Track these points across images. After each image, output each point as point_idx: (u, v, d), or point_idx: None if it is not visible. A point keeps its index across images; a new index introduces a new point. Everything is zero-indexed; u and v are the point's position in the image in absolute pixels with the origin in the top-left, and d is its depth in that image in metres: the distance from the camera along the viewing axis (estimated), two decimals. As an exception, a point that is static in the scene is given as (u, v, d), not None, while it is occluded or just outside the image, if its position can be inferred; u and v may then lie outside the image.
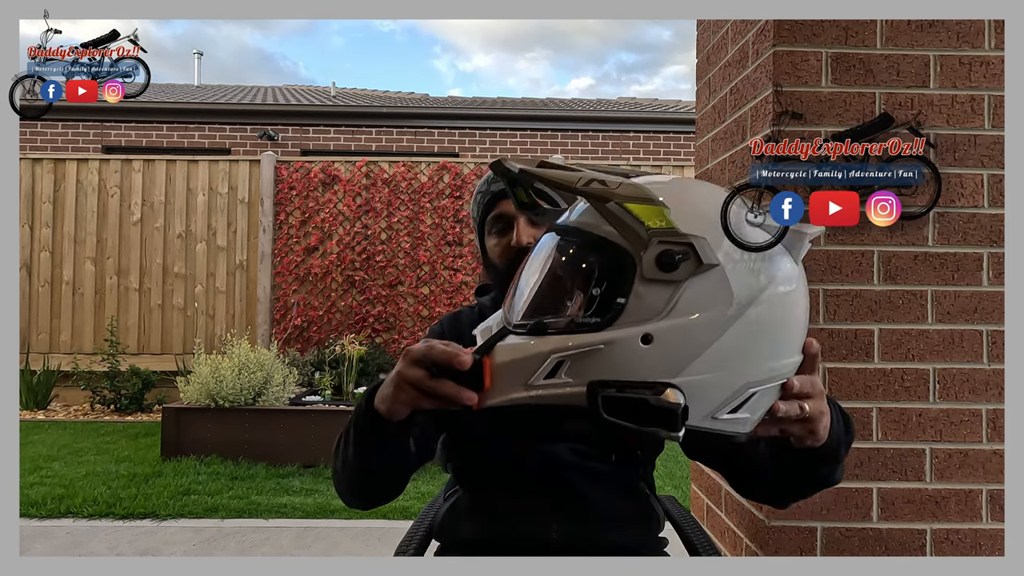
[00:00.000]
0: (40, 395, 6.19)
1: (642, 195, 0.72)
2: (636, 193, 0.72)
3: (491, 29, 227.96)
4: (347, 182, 6.57)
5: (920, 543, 1.46)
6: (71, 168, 6.63)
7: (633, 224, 0.72)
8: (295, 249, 6.53)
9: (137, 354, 6.47)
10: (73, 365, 6.32)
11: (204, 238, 6.66)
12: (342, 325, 6.45)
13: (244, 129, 8.79)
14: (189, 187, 6.68)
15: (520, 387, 0.76)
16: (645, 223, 0.72)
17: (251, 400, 4.58)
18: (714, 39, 1.89)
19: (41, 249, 6.57)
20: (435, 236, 6.54)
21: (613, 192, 0.72)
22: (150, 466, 4.34)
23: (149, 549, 3.09)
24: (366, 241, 6.54)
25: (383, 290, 6.50)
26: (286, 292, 6.51)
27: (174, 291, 6.62)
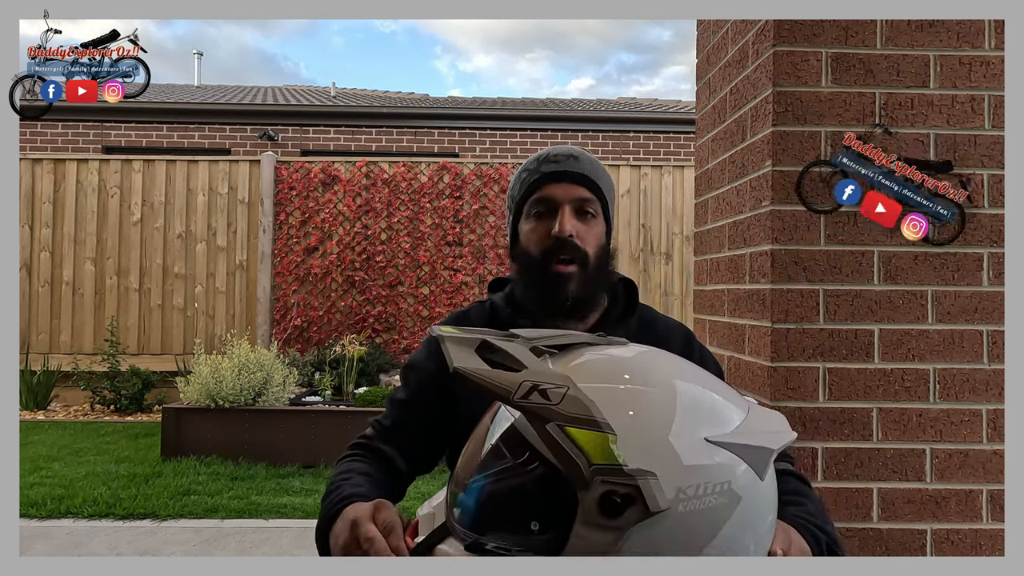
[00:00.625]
0: (40, 395, 6.20)
1: (585, 416, 0.63)
2: (580, 413, 0.63)
3: (491, 30, 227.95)
4: (347, 182, 6.57)
5: (920, 543, 1.46)
6: (71, 168, 6.63)
7: (575, 455, 0.62)
8: (295, 249, 6.53)
9: (137, 354, 6.47)
10: (73, 365, 6.32)
11: (204, 238, 6.66)
12: (342, 325, 6.45)
13: (244, 129, 8.79)
14: (189, 187, 6.68)
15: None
16: (588, 456, 0.62)
17: (251, 400, 4.58)
18: (714, 39, 1.89)
19: (41, 249, 6.57)
20: (435, 236, 6.54)
21: (553, 410, 0.63)
22: (150, 466, 4.34)
23: (149, 549, 3.09)
24: (366, 241, 6.54)
25: (383, 290, 6.50)
26: (286, 292, 6.51)
27: (174, 291, 6.62)
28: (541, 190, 1.11)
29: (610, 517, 0.62)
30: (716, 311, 1.84)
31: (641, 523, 0.63)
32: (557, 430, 0.63)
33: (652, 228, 6.73)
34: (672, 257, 6.72)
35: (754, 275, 1.58)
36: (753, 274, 1.59)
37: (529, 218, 1.12)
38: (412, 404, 1.15)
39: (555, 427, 0.63)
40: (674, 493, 0.63)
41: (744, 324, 1.64)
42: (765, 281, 1.51)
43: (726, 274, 1.77)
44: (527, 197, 1.13)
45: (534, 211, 1.12)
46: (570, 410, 0.63)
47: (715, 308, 1.85)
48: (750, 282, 1.61)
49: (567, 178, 1.10)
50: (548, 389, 0.64)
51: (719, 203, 1.84)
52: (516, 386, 0.64)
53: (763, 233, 1.53)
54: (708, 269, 1.92)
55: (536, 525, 0.66)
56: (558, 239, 1.07)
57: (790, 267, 1.48)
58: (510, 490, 0.69)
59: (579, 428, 0.63)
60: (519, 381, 0.64)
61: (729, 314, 1.74)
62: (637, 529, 0.63)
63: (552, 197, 1.10)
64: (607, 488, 0.62)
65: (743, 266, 1.65)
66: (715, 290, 1.86)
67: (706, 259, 1.94)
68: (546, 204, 1.10)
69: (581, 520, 0.63)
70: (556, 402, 0.63)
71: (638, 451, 0.63)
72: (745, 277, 1.64)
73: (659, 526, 0.63)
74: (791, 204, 1.49)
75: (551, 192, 1.10)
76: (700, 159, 2.02)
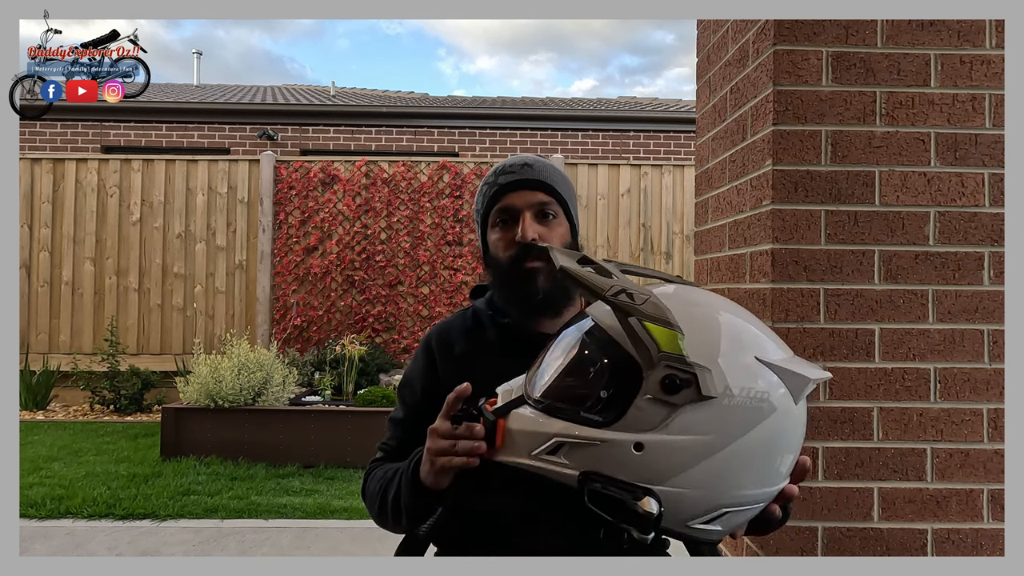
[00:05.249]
0: (39, 395, 6.19)
1: (662, 317, 0.77)
2: (657, 314, 0.77)
3: (495, 32, 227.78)
4: (347, 182, 6.56)
5: (921, 543, 1.46)
6: (70, 168, 6.62)
7: (648, 343, 0.77)
8: (295, 249, 6.52)
9: (136, 354, 6.47)
10: (72, 365, 6.32)
11: (203, 238, 6.65)
12: (342, 325, 6.44)
13: (243, 129, 8.78)
14: (188, 187, 6.67)
15: (524, 454, 0.86)
16: (659, 344, 0.77)
17: (251, 400, 4.58)
18: (714, 38, 1.89)
19: (40, 249, 6.56)
20: (435, 236, 6.53)
21: (636, 308, 0.77)
22: (150, 466, 4.34)
23: (149, 549, 3.08)
24: (366, 241, 6.54)
25: (383, 290, 6.50)
26: (286, 292, 6.50)
27: (173, 291, 6.61)
28: (501, 200, 1.19)
29: (668, 393, 0.77)
30: (716, 311, 1.84)
31: (691, 404, 0.77)
32: (637, 323, 0.78)
33: (652, 227, 6.73)
34: (672, 256, 6.72)
35: (754, 274, 1.58)
36: (753, 273, 1.59)
37: (495, 228, 1.21)
38: (410, 421, 1.21)
39: (636, 321, 0.78)
40: (722, 388, 0.77)
41: (744, 324, 1.63)
42: (765, 280, 1.51)
43: (726, 273, 1.77)
44: (490, 208, 1.21)
45: (498, 220, 1.20)
46: (650, 311, 0.77)
47: (715, 308, 1.85)
48: (750, 281, 1.60)
49: (523, 185, 1.20)
50: (634, 294, 0.79)
51: (719, 202, 1.83)
52: (609, 287, 0.79)
53: (763, 232, 1.53)
54: (708, 268, 1.92)
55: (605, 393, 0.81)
56: (522, 244, 1.15)
57: (790, 266, 1.48)
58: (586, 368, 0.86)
59: (655, 324, 0.77)
60: (611, 283, 0.80)
61: (729, 314, 1.74)
62: (686, 409, 0.77)
63: (512, 206, 1.18)
64: (670, 372, 0.77)
65: (743, 265, 1.65)
66: (715, 290, 1.86)
67: (706, 258, 1.94)
68: (508, 213, 1.19)
69: (643, 393, 0.78)
70: (640, 303, 0.78)
71: (699, 351, 0.78)
72: (745, 276, 1.63)
73: (704, 411, 0.77)
74: (792, 203, 1.49)
75: (510, 201, 1.19)
76: (700, 158, 2.01)
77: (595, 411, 0.81)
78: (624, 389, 0.79)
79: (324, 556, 2.99)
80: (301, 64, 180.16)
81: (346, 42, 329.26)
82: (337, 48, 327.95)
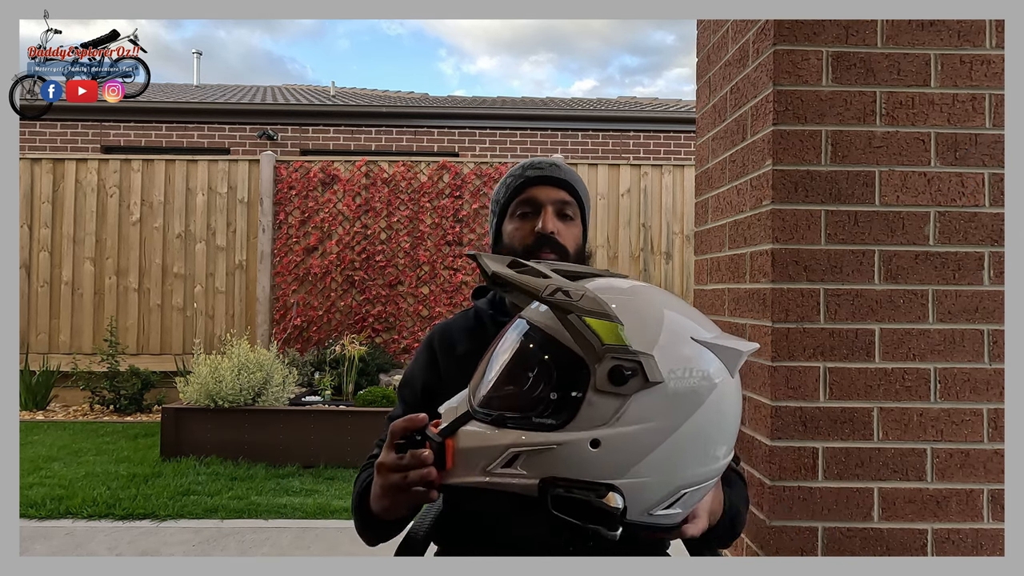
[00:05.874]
0: (39, 395, 6.19)
1: (600, 311, 0.79)
2: (595, 308, 0.79)
3: (495, 32, 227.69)
4: (347, 182, 6.56)
5: (921, 543, 1.46)
6: (70, 168, 6.62)
7: (590, 338, 0.78)
8: (295, 249, 6.52)
9: (136, 354, 6.47)
10: (72, 365, 6.32)
11: (203, 238, 6.65)
12: (342, 325, 6.44)
13: (243, 129, 8.78)
14: (188, 187, 6.67)
15: (478, 472, 0.83)
16: (601, 338, 0.78)
17: (251, 400, 4.58)
18: (714, 38, 1.89)
19: (40, 249, 6.56)
20: (435, 236, 6.53)
21: (575, 305, 0.78)
22: (149, 466, 4.34)
23: (149, 549, 3.08)
24: (366, 241, 6.54)
25: (383, 290, 6.50)
26: (286, 292, 6.51)
27: (173, 291, 6.61)
28: (526, 192, 1.22)
29: (617, 385, 0.78)
30: (716, 310, 1.84)
31: (640, 392, 0.79)
32: (577, 319, 0.78)
33: (652, 227, 6.73)
34: (672, 256, 6.72)
35: (754, 274, 1.58)
36: (753, 273, 1.59)
37: (513, 218, 1.23)
38: None
39: (575, 317, 0.78)
40: (667, 371, 0.80)
41: (744, 324, 1.63)
42: (765, 280, 1.51)
43: (726, 273, 1.77)
44: (512, 199, 1.24)
45: (519, 211, 1.22)
46: (588, 306, 0.78)
47: (715, 307, 1.85)
48: (750, 281, 1.60)
49: (550, 182, 1.23)
50: (570, 291, 0.79)
51: (719, 202, 1.83)
52: (544, 287, 0.79)
53: (763, 232, 1.53)
54: (708, 268, 1.92)
55: (554, 395, 0.81)
56: (541, 235, 1.18)
57: (791, 266, 1.48)
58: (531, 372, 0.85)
59: (595, 318, 0.78)
60: (546, 283, 0.80)
61: (729, 313, 1.74)
62: (636, 398, 0.79)
63: (536, 198, 1.21)
64: (616, 363, 0.78)
65: (743, 265, 1.65)
66: (715, 289, 1.86)
67: (706, 258, 1.94)
68: (531, 204, 1.22)
69: (593, 388, 0.79)
70: (577, 299, 0.79)
71: (640, 339, 0.80)
72: (745, 276, 1.63)
73: (653, 397, 0.79)
74: (792, 203, 1.49)
75: (535, 194, 1.21)
76: (700, 158, 2.01)
77: (547, 415, 0.81)
78: (573, 388, 0.80)
79: (324, 556, 2.99)
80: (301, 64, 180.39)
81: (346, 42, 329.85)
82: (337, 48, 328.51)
